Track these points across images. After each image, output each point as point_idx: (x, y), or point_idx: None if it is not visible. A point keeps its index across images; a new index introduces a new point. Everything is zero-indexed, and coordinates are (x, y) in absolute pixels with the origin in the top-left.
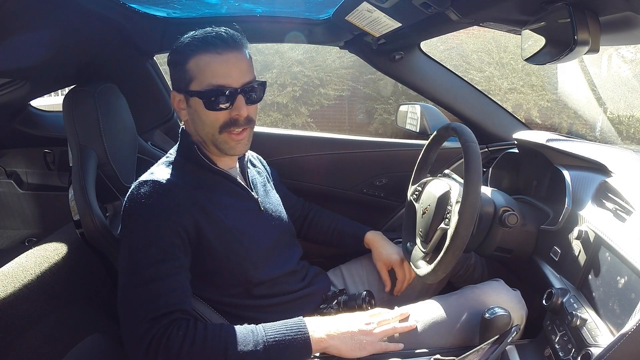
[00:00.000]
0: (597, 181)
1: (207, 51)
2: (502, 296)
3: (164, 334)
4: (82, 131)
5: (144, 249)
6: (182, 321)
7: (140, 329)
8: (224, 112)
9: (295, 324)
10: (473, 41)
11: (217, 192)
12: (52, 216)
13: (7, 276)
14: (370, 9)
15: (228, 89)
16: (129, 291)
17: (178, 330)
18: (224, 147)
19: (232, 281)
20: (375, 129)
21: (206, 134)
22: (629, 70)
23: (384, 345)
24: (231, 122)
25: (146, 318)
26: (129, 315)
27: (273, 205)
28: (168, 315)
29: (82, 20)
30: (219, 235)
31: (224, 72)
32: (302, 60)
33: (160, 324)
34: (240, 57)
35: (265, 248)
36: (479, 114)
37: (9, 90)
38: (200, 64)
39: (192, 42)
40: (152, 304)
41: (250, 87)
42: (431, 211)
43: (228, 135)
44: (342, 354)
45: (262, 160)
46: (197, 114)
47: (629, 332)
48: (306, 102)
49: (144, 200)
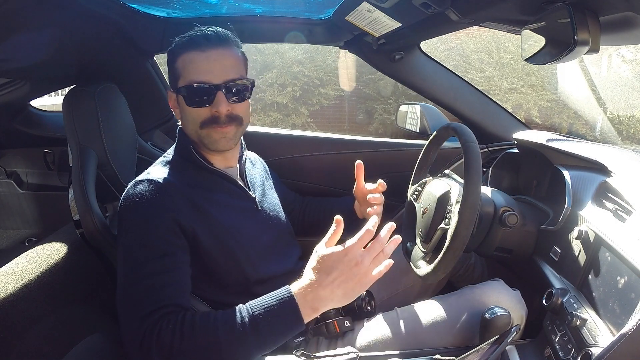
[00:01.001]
0: (597, 181)
1: (192, 49)
2: (502, 296)
3: (154, 329)
4: (82, 131)
5: (140, 247)
6: (172, 315)
7: (133, 326)
8: (206, 108)
9: (279, 292)
10: (473, 41)
11: (213, 191)
12: (52, 216)
13: (7, 276)
14: (370, 9)
15: (208, 84)
16: (125, 289)
17: (168, 323)
18: (207, 142)
19: (230, 280)
20: (375, 129)
21: (190, 130)
22: (629, 70)
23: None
24: (212, 120)
25: (138, 315)
26: (125, 313)
27: (271, 204)
28: (159, 311)
29: (82, 20)
30: (215, 234)
31: (205, 68)
32: (302, 60)
33: (152, 319)
34: (224, 54)
35: (263, 247)
36: (479, 114)
37: (9, 90)
38: (185, 61)
39: (180, 41)
40: (145, 301)
41: (233, 84)
42: (431, 211)
43: (211, 129)
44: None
45: (262, 160)
46: (182, 111)
47: (629, 332)
48: (306, 102)
49: (139, 199)
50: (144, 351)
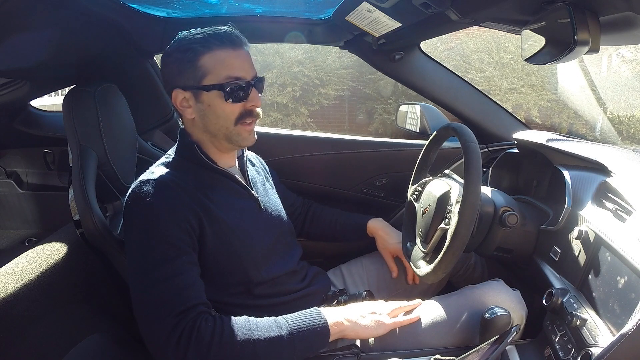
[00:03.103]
0: (597, 181)
1: (223, 46)
2: (502, 296)
3: (193, 327)
4: (82, 131)
5: (154, 248)
6: (207, 314)
7: (167, 325)
8: (240, 104)
9: (312, 312)
10: (473, 41)
11: (217, 190)
12: (52, 216)
13: (7, 276)
14: (370, 9)
15: (244, 80)
16: (147, 290)
17: (206, 322)
18: (237, 139)
19: (232, 280)
20: (375, 129)
21: (220, 127)
22: (629, 70)
23: (398, 322)
24: (246, 113)
25: (172, 313)
26: (152, 314)
27: (273, 204)
28: (193, 309)
29: (82, 20)
30: (219, 234)
31: (239, 65)
32: (302, 60)
33: (188, 318)
34: (248, 54)
35: (266, 247)
36: (479, 114)
37: (9, 90)
38: (217, 58)
39: (205, 39)
40: (176, 300)
41: (258, 80)
42: (431, 211)
43: (242, 127)
44: (359, 335)
45: (261, 160)
46: (211, 109)
47: (629, 332)
48: (306, 102)
49: (148, 199)
50: (180, 349)
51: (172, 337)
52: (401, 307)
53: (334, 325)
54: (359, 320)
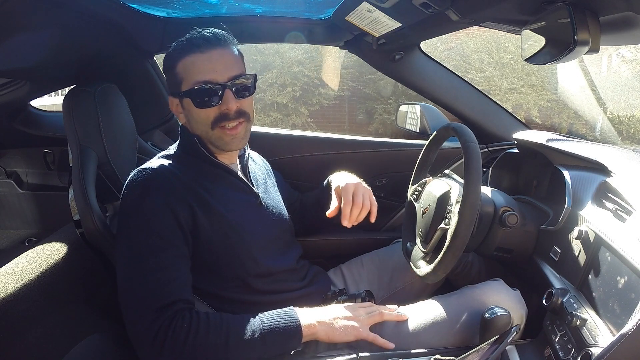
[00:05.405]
0: (597, 181)
1: (192, 52)
2: (502, 296)
3: (169, 325)
4: (82, 131)
5: (143, 239)
6: (185, 311)
7: (145, 320)
8: (214, 108)
9: (286, 312)
10: (473, 41)
11: (216, 184)
12: (52, 216)
13: (7, 276)
14: (370, 9)
15: (214, 84)
16: (132, 281)
17: (182, 320)
18: (219, 144)
19: (230, 274)
20: (375, 129)
21: (201, 132)
22: (629, 70)
23: (372, 335)
24: (222, 117)
25: (150, 309)
26: (133, 305)
27: (274, 202)
28: (172, 306)
29: (82, 20)
30: (217, 227)
31: (208, 68)
32: (302, 60)
33: (165, 315)
34: (224, 53)
35: (264, 242)
36: (479, 114)
37: (9, 90)
38: (187, 64)
39: (178, 45)
40: (157, 294)
41: (238, 80)
42: (431, 211)
43: (221, 131)
44: (331, 338)
45: (264, 160)
46: (190, 114)
47: (629, 332)
48: (306, 102)
49: (141, 189)
50: (156, 345)
51: (149, 333)
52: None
53: (307, 328)
54: (333, 323)
